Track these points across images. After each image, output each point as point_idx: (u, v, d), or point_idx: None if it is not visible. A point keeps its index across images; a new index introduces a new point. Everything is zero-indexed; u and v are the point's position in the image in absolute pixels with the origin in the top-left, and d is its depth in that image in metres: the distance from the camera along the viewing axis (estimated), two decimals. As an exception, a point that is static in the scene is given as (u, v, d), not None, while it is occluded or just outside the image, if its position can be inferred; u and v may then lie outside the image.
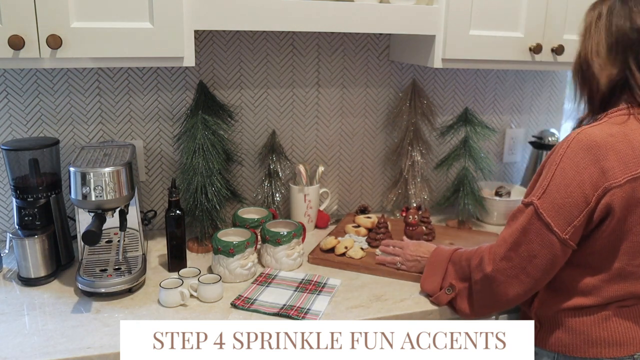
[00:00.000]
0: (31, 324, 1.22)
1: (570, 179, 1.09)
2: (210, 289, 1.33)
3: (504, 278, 1.17)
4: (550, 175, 1.11)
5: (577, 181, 1.08)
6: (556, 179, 1.10)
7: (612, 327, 1.17)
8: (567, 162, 1.10)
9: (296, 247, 1.53)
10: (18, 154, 1.40)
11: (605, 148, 1.08)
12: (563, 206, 1.09)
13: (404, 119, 1.90)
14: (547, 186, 1.11)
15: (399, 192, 1.95)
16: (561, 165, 1.10)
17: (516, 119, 2.12)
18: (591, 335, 1.17)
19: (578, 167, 1.08)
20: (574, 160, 1.09)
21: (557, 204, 1.10)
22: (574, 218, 1.09)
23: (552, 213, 1.10)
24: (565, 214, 1.09)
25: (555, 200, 1.10)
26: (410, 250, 1.48)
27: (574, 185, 1.08)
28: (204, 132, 1.58)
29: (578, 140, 1.10)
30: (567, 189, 1.09)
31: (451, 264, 1.33)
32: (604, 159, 1.07)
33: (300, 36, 1.77)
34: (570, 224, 1.09)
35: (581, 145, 1.09)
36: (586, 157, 1.08)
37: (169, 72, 1.68)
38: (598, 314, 1.17)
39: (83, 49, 1.25)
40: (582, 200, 1.08)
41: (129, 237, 1.49)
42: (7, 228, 1.66)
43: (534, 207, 1.12)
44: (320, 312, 1.29)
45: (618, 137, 1.09)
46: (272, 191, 1.81)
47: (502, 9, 1.58)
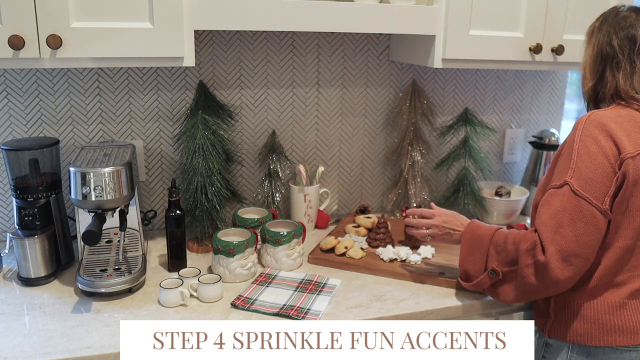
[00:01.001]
0: (31, 324, 1.22)
1: (594, 153, 1.14)
2: (210, 289, 1.33)
3: (556, 264, 1.14)
4: (574, 154, 1.16)
5: (602, 153, 1.14)
6: (581, 156, 1.15)
7: (626, 315, 1.19)
8: (586, 138, 1.15)
9: (296, 247, 1.53)
10: (18, 154, 1.40)
11: (615, 124, 1.15)
12: (595, 178, 1.13)
13: (404, 119, 1.90)
14: (575, 164, 1.15)
15: (399, 192, 1.95)
16: (581, 143, 1.16)
17: (516, 119, 2.12)
18: (606, 323, 1.19)
19: (597, 141, 1.14)
20: (592, 135, 1.15)
21: (589, 178, 1.13)
22: (607, 188, 1.13)
23: (587, 187, 1.13)
24: (600, 186, 1.13)
25: (587, 174, 1.13)
26: (441, 220, 1.40)
27: (600, 156, 1.13)
28: (204, 132, 1.58)
29: (591, 120, 1.17)
30: (595, 161, 1.14)
31: (493, 247, 1.28)
32: (615, 134, 1.14)
33: (300, 36, 1.77)
34: (606, 194, 1.13)
35: (595, 124, 1.16)
36: (602, 132, 1.15)
37: (169, 72, 1.68)
38: (612, 302, 1.19)
39: (83, 49, 1.25)
40: (610, 169, 1.13)
41: (129, 237, 1.49)
42: (7, 228, 1.66)
43: (569, 186, 1.14)
44: (320, 312, 1.29)
45: (625, 117, 1.18)
46: (272, 191, 1.81)
47: (502, 9, 1.58)
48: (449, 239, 1.39)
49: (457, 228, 1.38)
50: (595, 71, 1.27)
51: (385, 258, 1.55)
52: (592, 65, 1.27)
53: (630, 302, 1.20)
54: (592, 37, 1.28)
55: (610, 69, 1.25)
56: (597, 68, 1.26)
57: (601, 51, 1.25)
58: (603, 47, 1.25)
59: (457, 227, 1.38)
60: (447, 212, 1.44)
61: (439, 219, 1.41)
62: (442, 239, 1.40)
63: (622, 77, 1.23)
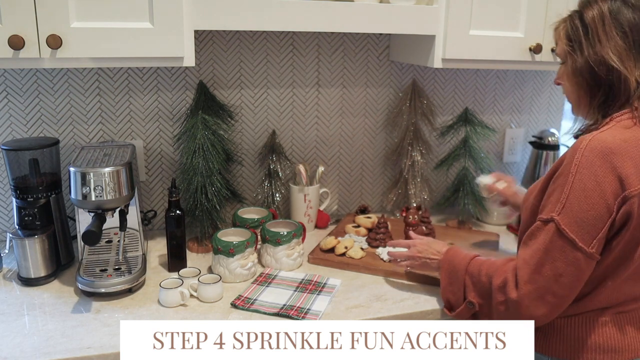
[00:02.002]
0: (31, 324, 1.22)
1: (590, 190, 1.03)
2: (210, 289, 1.33)
3: (529, 302, 1.10)
4: (568, 187, 1.05)
5: (598, 191, 1.03)
6: (575, 191, 1.04)
7: (608, 334, 1.15)
8: (584, 171, 1.04)
9: (296, 247, 1.53)
10: (18, 154, 1.40)
11: (620, 155, 1.04)
12: (586, 220, 1.04)
13: (404, 119, 1.90)
14: (567, 199, 1.05)
15: (399, 192, 1.95)
16: (578, 176, 1.04)
17: (516, 119, 2.12)
18: (586, 341, 1.15)
19: (597, 177, 1.03)
20: (591, 169, 1.03)
21: (579, 218, 1.04)
22: (598, 230, 1.04)
23: (575, 228, 1.04)
24: (589, 228, 1.04)
25: (577, 214, 1.04)
26: (416, 250, 1.38)
27: (596, 196, 1.03)
28: (204, 132, 1.58)
29: (592, 148, 1.04)
30: (589, 201, 1.03)
31: (468, 277, 1.24)
32: (620, 166, 1.03)
33: (300, 36, 1.77)
34: (595, 237, 1.04)
35: (596, 153, 1.04)
36: (603, 164, 1.03)
37: (169, 72, 1.68)
38: (594, 320, 1.15)
39: (83, 49, 1.25)
40: (605, 211, 1.03)
41: (129, 237, 1.49)
42: (7, 228, 1.66)
43: (555, 224, 1.06)
44: (320, 312, 1.29)
45: (631, 143, 1.06)
46: (272, 191, 1.81)
47: (502, 9, 1.58)
48: (428, 268, 1.36)
49: (433, 256, 1.34)
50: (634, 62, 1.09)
51: (385, 258, 1.55)
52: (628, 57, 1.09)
53: (612, 321, 1.15)
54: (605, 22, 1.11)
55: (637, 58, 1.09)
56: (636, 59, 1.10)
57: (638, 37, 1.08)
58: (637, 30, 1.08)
59: (433, 255, 1.34)
60: (422, 240, 1.41)
61: (413, 249, 1.39)
62: (421, 268, 1.38)
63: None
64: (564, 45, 1.18)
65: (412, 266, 1.40)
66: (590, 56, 1.12)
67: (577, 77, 1.16)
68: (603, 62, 1.11)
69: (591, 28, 1.13)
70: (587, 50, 1.13)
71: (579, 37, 1.15)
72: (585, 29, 1.14)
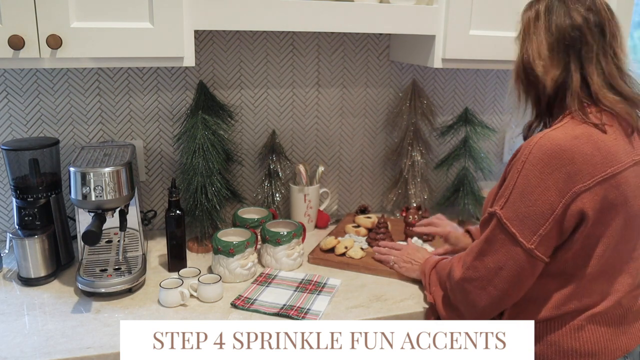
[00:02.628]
0: (31, 324, 1.22)
1: (533, 186, 1.04)
2: (210, 289, 1.33)
3: (472, 288, 1.15)
4: (512, 183, 1.07)
5: (541, 188, 1.04)
6: (518, 187, 1.06)
7: (584, 337, 1.12)
8: (530, 168, 1.05)
9: (296, 247, 1.53)
10: (18, 154, 1.40)
11: (571, 151, 1.03)
12: (527, 215, 1.05)
13: (404, 119, 1.90)
14: (510, 195, 1.07)
15: (399, 192, 1.95)
16: (523, 173, 1.06)
17: (516, 119, 2.12)
18: (563, 346, 1.13)
19: (542, 174, 1.04)
20: (537, 166, 1.04)
21: (521, 213, 1.06)
22: (539, 226, 1.05)
23: (516, 223, 1.06)
24: (530, 223, 1.05)
25: (519, 209, 1.06)
26: (407, 252, 1.48)
27: (538, 192, 1.04)
28: (204, 132, 1.58)
29: (540, 146, 1.05)
30: (531, 197, 1.05)
31: (434, 272, 1.33)
32: (570, 162, 1.03)
33: (300, 36, 1.77)
34: (535, 233, 1.05)
35: (544, 150, 1.04)
36: (550, 162, 1.03)
37: (169, 72, 1.68)
38: (570, 323, 1.13)
39: (83, 49, 1.25)
40: (547, 207, 1.04)
41: (129, 237, 1.49)
42: (7, 228, 1.66)
43: (497, 218, 1.09)
44: (320, 312, 1.29)
45: (582, 139, 1.05)
46: (272, 191, 1.81)
47: (502, 9, 1.58)
48: (410, 269, 1.45)
49: (417, 260, 1.44)
50: (558, 60, 1.10)
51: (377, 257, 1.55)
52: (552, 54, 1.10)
53: (588, 325, 1.12)
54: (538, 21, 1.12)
55: (576, 59, 1.09)
56: (560, 57, 1.10)
57: (562, 34, 1.09)
58: (563, 28, 1.09)
59: (417, 259, 1.45)
60: (413, 246, 1.53)
61: (404, 251, 1.49)
62: (404, 267, 1.46)
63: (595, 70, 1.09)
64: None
65: (397, 262, 1.48)
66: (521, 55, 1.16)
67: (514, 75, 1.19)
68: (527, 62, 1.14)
69: (525, 28, 1.16)
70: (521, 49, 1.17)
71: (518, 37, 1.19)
72: (522, 28, 1.17)
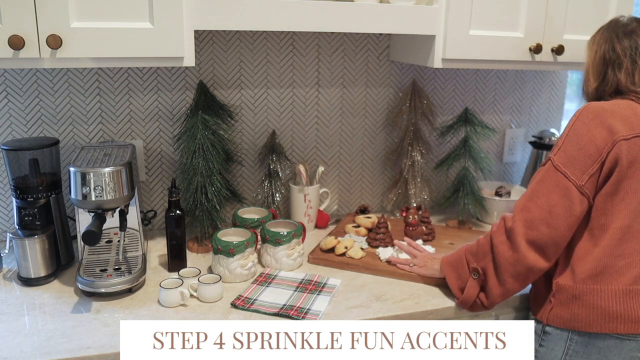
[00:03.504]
0: (31, 324, 1.22)
1: (582, 135, 1.22)
2: (210, 289, 1.33)
3: (525, 229, 1.22)
4: (564, 135, 1.25)
5: (589, 136, 1.21)
6: (570, 137, 1.24)
7: (629, 304, 1.19)
8: (579, 124, 1.24)
9: (296, 247, 1.53)
10: (18, 154, 1.40)
11: (612, 112, 1.23)
12: (577, 157, 1.21)
13: (404, 119, 1.90)
14: (562, 144, 1.24)
15: (399, 192, 1.95)
16: (573, 128, 1.25)
17: (516, 119, 2.12)
18: (609, 310, 1.19)
19: (589, 127, 1.22)
20: (584, 122, 1.23)
21: (571, 156, 1.22)
22: (587, 167, 1.20)
23: (567, 164, 1.22)
24: (580, 164, 1.21)
25: (570, 153, 1.22)
26: (427, 254, 1.51)
27: (586, 140, 1.21)
28: (204, 132, 1.58)
29: (588, 108, 1.26)
30: (580, 143, 1.22)
31: (468, 253, 1.35)
32: (611, 119, 1.21)
33: (300, 36, 1.77)
34: (585, 172, 1.20)
35: (591, 111, 1.24)
36: (595, 119, 1.22)
37: (169, 72, 1.68)
38: (615, 289, 1.20)
39: (83, 49, 1.25)
40: (594, 150, 1.20)
41: (129, 237, 1.49)
42: (7, 228, 1.66)
43: (552, 161, 1.24)
44: (320, 312, 1.29)
45: (623, 105, 1.25)
46: (272, 191, 1.81)
47: (502, 9, 1.58)
48: (429, 267, 1.45)
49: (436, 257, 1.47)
50: (598, 73, 1.35)
51: (382, 258, 1.55)
52: (595, 68, 1.35)
53: (633, 289, 1.19)
54: (594, 43, 1.36)
55: (612, 69, 1.32)
56: (600, 70, 1.34)
57: (604, 55, 1.33)
58: (606, 51, 1.33)
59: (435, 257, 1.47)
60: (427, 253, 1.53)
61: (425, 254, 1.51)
62: (424, 267, 1.46)
63: (624, 75, 1.30)
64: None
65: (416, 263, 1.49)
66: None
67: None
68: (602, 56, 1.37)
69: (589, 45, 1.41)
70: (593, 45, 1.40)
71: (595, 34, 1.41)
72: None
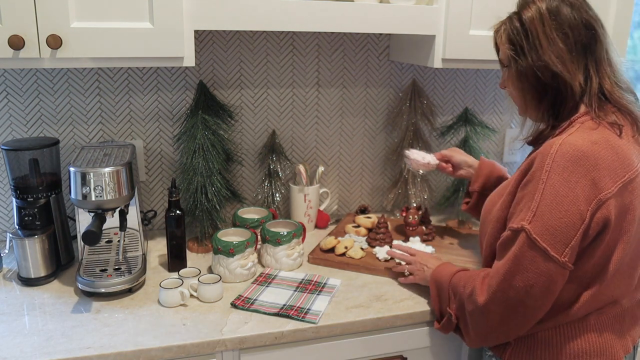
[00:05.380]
0: (31, 324, 1.22)
1: (562, 196, 1.00)
2: (210, 289, 1.33)
3: (501, 309, 1.08)
4: (539, 194, 1.01)
5: (570, 197, 0.99)
6: (546, 198, 1.01)
7: (592, 338, 1.11)
8: (556, 177, 1.00)
9: (296, 247, 1.53)
10: (18, 154, 1.40)
11: (593, 157, 1.01)
12: (558, 227, 1.00)
13: (404, 119, 1.90)
14: (537, 207, 1.01)
15: (399, 192, 1.95)
16: (550, 183, 1.00)
17: (516, 119, 2.12)
18: (573, 348, 1.11)
19: (569, 182, 1.00)
20: (563, 174, 1.00)
21: (551, 226, 1.00)
22: (570, 238, 1.00)
23: (547, 237, 1.01)
24: (562, 236, 1.00)
25: (549, 222, 1.00)
26: (420, 257, 1.41)
27: (567, 202, 0.99)
28: (204, 132, 1.58)
29: (563, 153, 1.01)
30: (561, 208, 1.00)
31: (451, 289, 1.22)
32: (594, 169, 1.00)
33: (300, 36, 1.77)
34: (567, 246, 1.01)
35: (568, 157, 1.01)
36: (575, 169, 1.00)
37: (169, 72, 1.68)
38: (579, 325, 1.11)
39: (83, 49, 1.25)
40: (577, 217, 1.00)
41: (129, 237, 1.49)
42: (7, 228, 1.66)
43: (526, 233, 1.02)
44: (320, 312, 1.29)
45: (601, 145, 1.03)
46: (272, 191, 1.81)
47: (502, 9, 1.57)
48: (422, 275, 1.37)
49: (430, 265, 1.35)
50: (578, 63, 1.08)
51: (381, 257, 1.55)
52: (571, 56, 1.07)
53: (594, 324, 1.11)
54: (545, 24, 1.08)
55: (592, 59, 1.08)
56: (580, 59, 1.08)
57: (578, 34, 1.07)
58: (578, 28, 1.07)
59: (430, 264, 1.36)
60: (425, 253, 1.46)
61: (418, 257, 1.42)
62: (417, 274, 1.39)
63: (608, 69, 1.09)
64: (507, 49, 1.15)
65: (411, 270, 1.42)
66: (534, 61, 1.09)
67: (522, 82, 1.13)
68: (546, 68, 1.08)
69: (531, 31, 1.10)
70: (529, 54, 1.09)
71: (520, 40, 1.11)
72: (526, 31, 1.11)
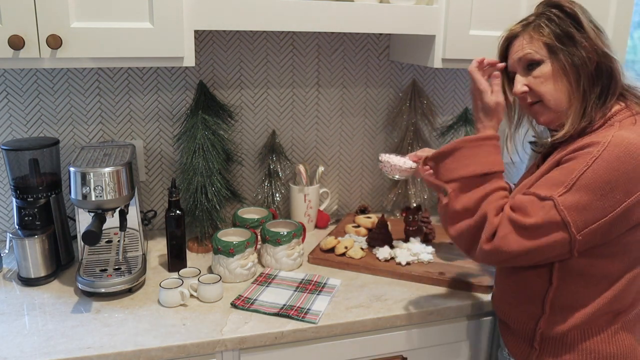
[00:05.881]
0: (31, 324, 1.22)
1: (603, 181, 1.00)
2: (210, 289, 1.33)
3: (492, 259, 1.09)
4: (577, 174, 1.02)
5: (610, 185, 1.00)
6: (585, 179, 1.01)
7: (620, 341, 1.12)
8: (603, 163, 1.01)
9: (296, 247, 1.53)
10: (18, 154, 1.40)
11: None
12: (587, 207, 1.01)
13: (404, 119, 1.90)
14: (573, 184, 1.02)
15: (399, 192, 1.95)
16: (594, 167, 1.01)
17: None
18: (601, 352, 1.11)
19: (613, 170, 1.00)
20: (611, 163, 1.00)
21: (581, 204, 1.01)
22: (594, 220, 1.01)
23: (573, 212, 1.01)
24: (587, 215, 1.01)
25: (581, 199, 1.01)
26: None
27: (606, 188, 1.00)
28: (204, 132, 1.58)
29: (616, 144, 1.02)
30: (598, 191, 1.01)
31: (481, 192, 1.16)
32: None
33: (300, 36, 1.77)
34: (587, 226, 1.02)
35: (620, 149, 1.01)
36: (625, 161, 1.00)
37: (169, 72, 1.68)
38: (607, 329, 1.11)
39: (83, 49, 1.25)
40: (609, 203, 1.01)
41: (129, 237, 1.49)
42: (7, 228, 1.66)
43: (554, 203, 1.02)
44: (320, 312, 1.29)
45: None
46: (272, 191, 1.81)
47: (502, 9, 1.58)
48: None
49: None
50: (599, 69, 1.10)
51: (380, 257, 1.55)
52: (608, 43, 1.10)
53: (623, 326, 1.12)
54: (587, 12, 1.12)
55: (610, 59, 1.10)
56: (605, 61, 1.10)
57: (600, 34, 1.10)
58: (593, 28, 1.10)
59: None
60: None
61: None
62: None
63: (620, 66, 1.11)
64: (549, 42, 1.12)
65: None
66: (588, 49, 1.09)
67: (569, 75, 1.11)
68: (605, 55, 1.09)
69: (578, 19, 1.10)
70: (581, 43, 1.09)
71: (568, 29, 1.10)
72: (574, 19, 1.10)
